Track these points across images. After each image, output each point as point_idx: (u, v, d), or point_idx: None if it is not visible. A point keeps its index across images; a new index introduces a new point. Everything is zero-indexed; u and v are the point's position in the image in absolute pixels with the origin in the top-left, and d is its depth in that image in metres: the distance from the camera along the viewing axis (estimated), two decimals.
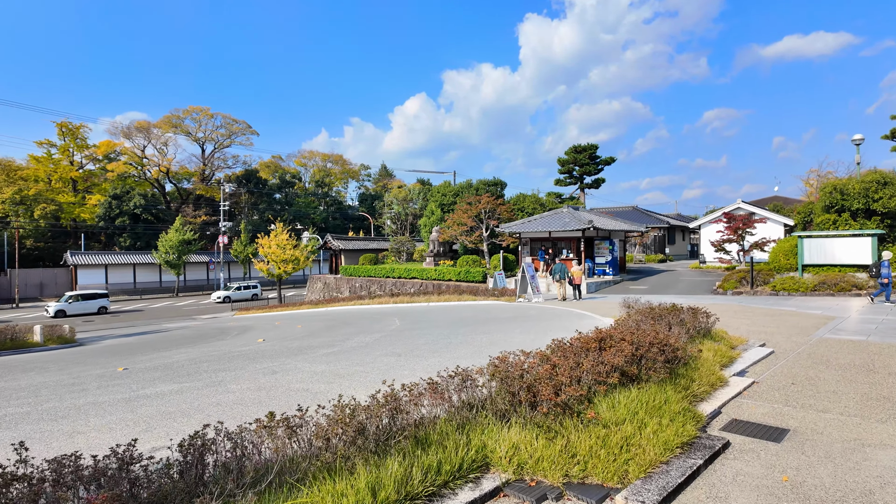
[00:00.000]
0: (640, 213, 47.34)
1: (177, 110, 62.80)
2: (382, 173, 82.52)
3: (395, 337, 12.42)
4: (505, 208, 33.65)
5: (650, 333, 5.98)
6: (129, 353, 13.06)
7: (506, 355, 4.96)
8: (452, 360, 8.81)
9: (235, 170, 69.36)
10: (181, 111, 62.83)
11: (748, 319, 12.94)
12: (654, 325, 7.28)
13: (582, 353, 5.25)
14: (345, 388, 7.18)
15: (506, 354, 5.00)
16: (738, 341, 9.12)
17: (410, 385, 4.44)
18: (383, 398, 3.83)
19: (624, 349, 5.22)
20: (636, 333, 6.06)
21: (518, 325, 13.22)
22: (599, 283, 26.62)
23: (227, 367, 9.33)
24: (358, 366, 8.76)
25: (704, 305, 14.55)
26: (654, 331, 6.32)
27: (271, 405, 6.44)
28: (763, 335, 10.29)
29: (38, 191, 53.90)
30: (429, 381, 4.39)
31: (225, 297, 44.52)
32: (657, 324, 7.47)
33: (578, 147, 64.00)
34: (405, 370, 8.16)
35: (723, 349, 7.60)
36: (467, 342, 10.84)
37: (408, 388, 4.36)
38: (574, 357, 5.05)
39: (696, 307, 9.34)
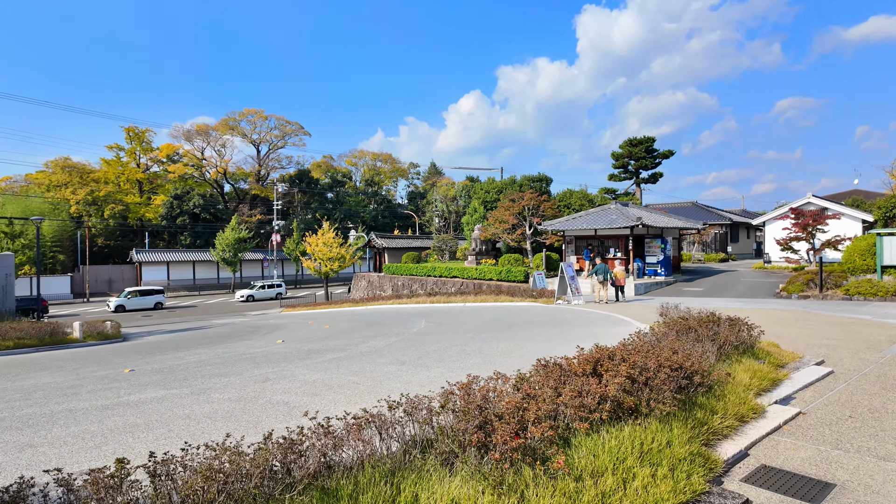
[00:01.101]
0: (700, 209, 44.50)
1: (233, 113, 65.13)
2: (431, 171, 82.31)
3: (410, 342, 11.77)
4: (549, 205, 32.35)
5: (663, 352, 4.97)
6: (151, 352, 13.11)
7: (470, 380, 4.15)
8: (457, 371, 8.05)
9: (289, 170, 71.20)
10: (237, 114, 65.10)
11: (809, 329, 11.37)
12: (677, 340, 6.21)
13: (570, 378, 4.35)
14: (327, 402, 6.60)
15: (471, 379, 4.19)
16: (790, 358, 7.82)
17: (358, 414, 3.73)
18: (280, 442, 3.12)
19: (620, 373, 4.28)
20: (647, 352, 5.07)
21: (545, 331, 12.25)
22: (649, 285, 24.95)
23: (226, 372, 8.98)
24: (354, 375, 8.16)
25: (752, 313, 12.99)
26: (672, 348, 5.30)
27: (240, 421, 5.93)
28: (823, 350, 8.86)
29: (107, 192, 57.30)
30: (363, 412, 3.65)
31: (248, 296, 45.47)
32: (682, 338, 6.39)
33: (634, 140, 61.32)
34: (399, 382, 7.47)
35: (764, 370, 6.41)
36: (482, 350, 10.03)
37: (347, 418, 3.65)
38: (555, 383, 4.17)
39: (738, 317, 8.08)
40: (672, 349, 5.35)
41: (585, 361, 4.59)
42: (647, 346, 5.49)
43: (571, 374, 4.37)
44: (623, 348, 5.42)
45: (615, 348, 5.25)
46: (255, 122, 66.07)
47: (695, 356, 5.31)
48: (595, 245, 28.12)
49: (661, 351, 5.13)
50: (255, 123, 66.15)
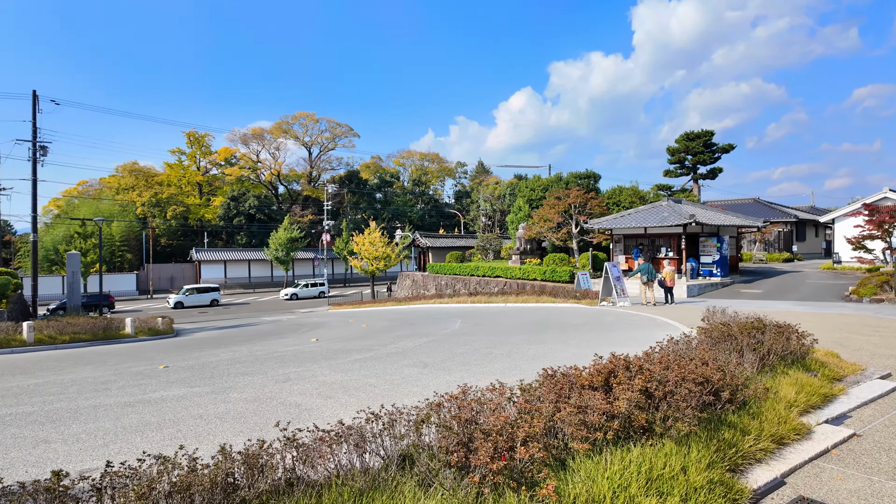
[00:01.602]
0: (762, 206, 41.93)
1: (286, 116, 67.11)
2: (479, 170, 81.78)
3: (440, 343, 11.52)
4: (597, 202, 31.29)
5: (689, 363, 4.46)
6: (192, 348, 13.50)
7: (463, 390, 3.82)
8: (479, 376, 7.74)
9: (339, 171, 72.64)
10: (290, 117, 67.02)
11: (878, 337, 10.27)
12: (712, 348, 5.63)
13: (577, 390, 3.95)
14: (339, 405, 6.45)
15: (463, 389, 3.86)
16: (850, 370, 7.00)
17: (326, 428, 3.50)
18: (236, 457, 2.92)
19: (634, 387, 3.83)
20: (671, 363, 4.57)
21: (581, 335, 11.69)
22: (703, 286, 23.64)
23: (252, 371, 9.03)
24: (374, 378, 7.98)
25: (814, 318, 11.83)
26: (701, 359, 4.76)
27: (249, 422, 5.87)
28: (893, 361, 7.92)
29: (170, 194, 60.38)
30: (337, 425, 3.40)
31: (292, 295, 46.49)
32: (719, 346, 5.79)
33: (690, 134, 58.68)
34: (416, 386, 7.23)
35: (815, 384, 5.72)
36: (511, 354, 9.64)
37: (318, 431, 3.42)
38: (557, 397, 3.77)
39: (787, 323, 7.32)
40: (702, 359, 4.81)
41: (597, 372, 4.17)
42: (675, 355, 4.97)
43: (578, 387, 3.96)
44: (646, 357, 4.94)
45: (635, 358, 4.78)
46: (306, 125, 67.85)
47: (728, 368, 4.76)
48: (645, 244, 26.93)
49: (687, 362, 4.62)
50: (307, 126, 67.92)
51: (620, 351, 6.49)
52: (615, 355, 4.65)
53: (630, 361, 4.52)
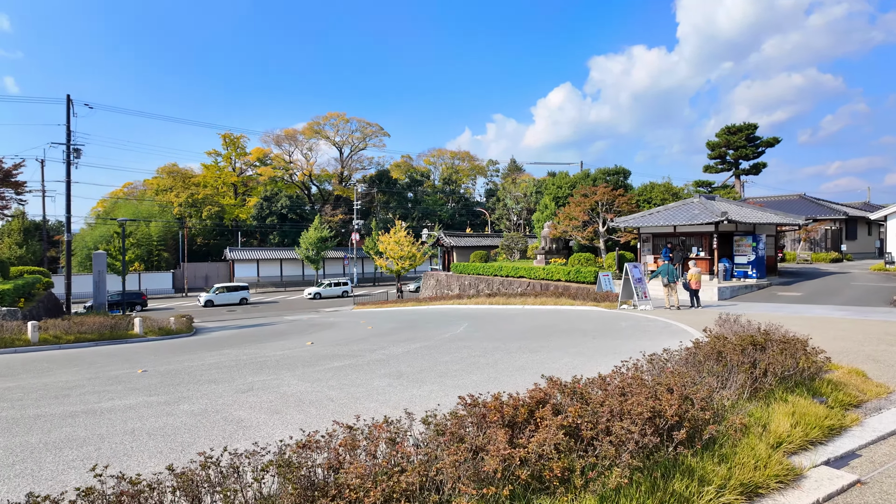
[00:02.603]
0: (809, 203, 39.36)
1: (318, 117, 67.80)
2: (511, 168, 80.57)
3: (431, 349, 10.89)
4: (625, 199, 29.92)
5: (641, 392, 3.67)
6: (187, 350, 13.34)
7: (348, 426, 3.18)
8: (451, 389, 7.10)
9: (370, 171, 72.94)
10: (321, 118, 67.66)
11: None
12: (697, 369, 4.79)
13: (496, 426, 3.24)
14: (284, 422, 5.93)
15: (348, 426, 3.22)
16: (874, 392, 5.97)
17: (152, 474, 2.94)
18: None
19: (553, 425, 3.09)
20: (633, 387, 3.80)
21: (585, 343, 10.83)
22: (736, 289, 22.13)
23: (222, 378, 8.64)
24: (338, 389, 7.43)
25: (852, 325, 10.52)
26: (668, 384, 3.96)
27: (178, 440, 5.41)
28: None
29: (205, 195, 61.90)
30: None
31: (316, 294, 46.55)
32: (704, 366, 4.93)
33: (732, 128, 56.06)
34: (375, 402, 6.64)
35: (820, 412, 4.78)
36: (498, 363, 8.92)
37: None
38: (450, 438, 3.08)
39: (795, 337, 6.30)
40: (667, 385, 4.01)
41: (521, 403, 3.44)
42: (635, 379, 4.18)
43: (489, 422, 3.26)
44: (600, 382, 4.17)
45: (584, 381, 4.01)
46: (337, 126, 68.33)
47: (698, 396, 3.94)
48: (675, 243, 25.49)
49: (642, 389, 3.83)
50: (338, 126, 68.41)
51: (616, 362, 5.72)
52: (552, 379, 3.90)
53: (567, 386, 3.76)
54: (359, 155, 72.44)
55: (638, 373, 4.60)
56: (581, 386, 3.85)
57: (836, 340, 10.05)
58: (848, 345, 9.52)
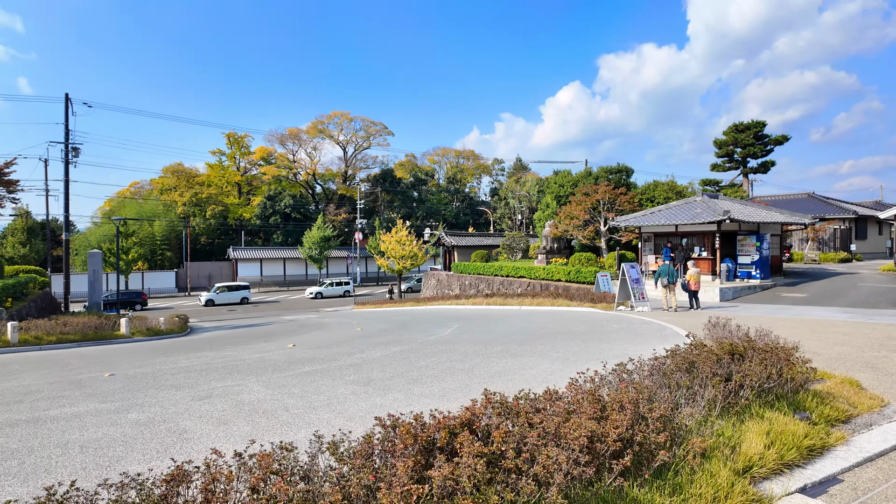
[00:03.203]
0: (817, 202, 38.50)
1: (321, 116, 67.62)
2: (517, 167, 79.99)
3: (410, 353, 10.50)
4: (627, 198, 29.37)
5: (584, 412, 3.25)
6: (165, 352, 13.04)
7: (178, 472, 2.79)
8: (417, 398, 6.73)
9: (374, 170, 72.64)
10: (325, 117, 67.46)
11: None
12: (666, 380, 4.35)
13: (404, 456, 2.84)
14: (227, 434, 5.56)
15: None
16: (866, 405, 5.49)
17: None
18: None
19: (470, 453, 2.67)
20: (581, 405, 3.38)
21: (571, 347, 10.38)
22: (739, 290, 21.55)
23: (184, 384, 8.30)
24: (298, 397, 7.06)
25: (854, 329, 9.93)
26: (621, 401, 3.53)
27: (109, 454, 5.06)
28: None
29: (209, 194, 61.93)
30: None
31: (317, 293, 46.23)
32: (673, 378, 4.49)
33: (739, 125, 55.21)
34: (332, 412, 6.25)
35: (799, 430, 4.32)
36: (474, 369, 8.50)
37: None
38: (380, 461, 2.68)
39: (780, 345, 5.81)
40: (619, 402, 3.58)
41: (442, 426, 3.03)
42: (587, 396, 3.75)
43: (400, 449, 2.85)
44: (547, 397, 3.74)
45: (516, 400, 3.59)
46: (341, 125, 68.12)
47: (653, 415, 3.51)
48: (676, 243, 24.90)
49: (591, 407, 3.40)
50: (342, 126, 68.19)
51: (598, 367, 5.30)
52: (488, 396, 3.48)
53: (509, 406, 3.34)
54: (363, 154, 72.26)
55: (595, 386, 4.16)
56: (520, 403, 3.43)
57: (836, 346, 9.53)
58: (847, 350, 9.00)
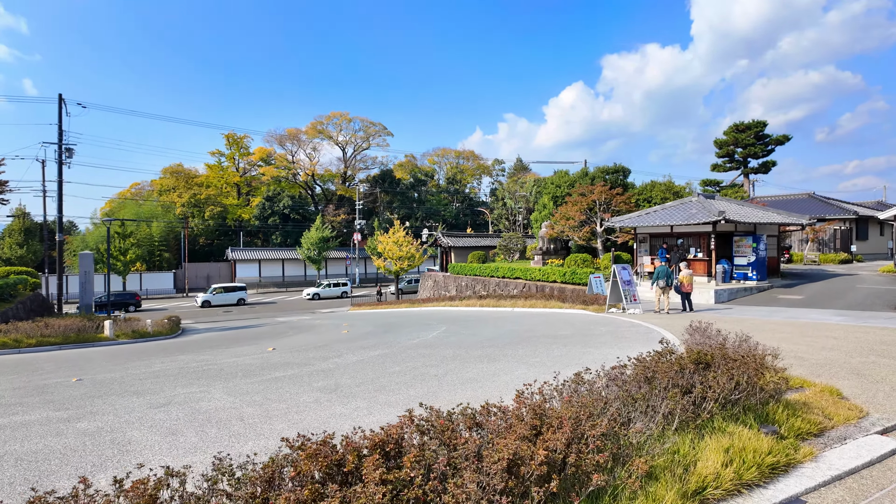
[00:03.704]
0: (817, 202, 38.10)
1: (320, 117, 67.44)
2: (518, 167, 79.63)
3: (387, 358, 10.25)
4: (623, 199, 29.05)
5: (517, 429, 2.99)
6: (143, 356, 12.83)
7: None
8: (380, 406, 6.50)
9: (374, 171, 72.43)
10: (324, 117, 67.27)
11: None
12: (589, 402, 4.08)
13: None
14: (174, 445, 5.34)
15: None
16: (842, 417, 5.19)
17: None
18: None
19: (374, 479, 2.42)
20: (517, 421, 3.12)
21: (552, 351, 10.10)
22: (735, 291, 21.22)
23: (148, 390, 8.08)
24: (257, 405, 6.82)
25: (846, 333, 9.56)
26: (560, 416, 3.27)
27: (42, 468, 4.84)
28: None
29: (207, 195, 61.83)
30: None
31: (314, 294, 45.97)
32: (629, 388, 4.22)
33: (740, 125, 54.81)
34: (286, 422, 6.00)
35: (763, 446, 4.04)
36: (447, 375, 8.25)
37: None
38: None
39: (757, 353, 5.51)
40: (558, 417, 3.31)
41: (352, 449, 2.77)
42: (531, 410, 3.49)
43: (300, 476, 2.59)
44: (484, 412, 3.48)
45: (439, 418, 3.32)
46: (340, 125, 67.94)
47: (595, 433, 3.24)
48: (673, 244, 24.58)
49: (524, 424, 3.14)
50: (341, 126, 68.01)
51: (572, 373, 5.03)
52: (410, 415, 3.22)
53: (429, 420, 3.08)
54: (362, 155, 72.08)
55: (542, 399, 3.90)
56: (445, 421, 3.16)
57: (824, 351, 9.24)
58: (834, 356, 8.71)
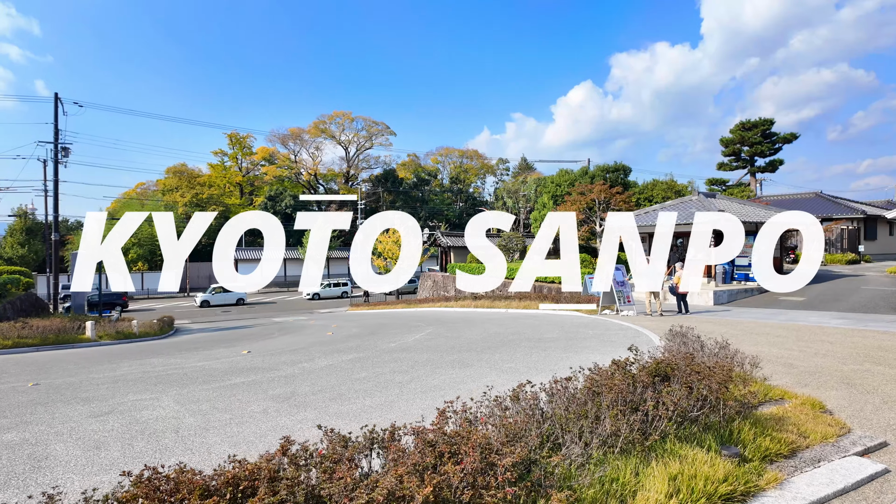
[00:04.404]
0: (825, 201, 37.25)
1: (323, 116, 67.22)
2: (522, 166, 79.03)
3: (358, 363, 9.84)
4: (623, 198, 28.49)
5: (411, 458, 2.57)
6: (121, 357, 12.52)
7: None
8: (331, 417, 6.12)
9: (377, 170, 72.10)
10: (327, 117, 67.05)
11: None
12: (512, 424, 3.63)
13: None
14: (93, 461, 4.95)
15: None
16: (820, 434, 4.70)
17: None
18: None
19: None
20: (393, 455, 2.69)
21: (530, 357, 9.65)
22: (735, 292, 20.69)
23: (100, 396, 7.72)
24: (199, 416, 6.43)
25: (844, 337, 8.90)
26: (474, 442, 2.83)
27: None
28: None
29: (209, 194, 61.79)
30: None
31: (314, 294, 45.60)
32: (570, 409, 3.77)
33: (746, 123, 53.96)
34: (218, 436, 5.60)
35: (721, 472, 3.56)
36: (415, 381, 7.83)
37: None
38: None
39: (727, 364, 5.02)
40: (474, 443, 2.88)
41: (195, 488, 2.36)
42: (456, 433, 3.06)
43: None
44: (390, 436, 3.05)
45: (309, 452, 2.89)
46: (342, 125, 67.67)
47: (507, 461, 2.80)
48: (672, 244, 23.97)
49: (430, 451, 2.71)
50: (343, 125, 67.74)
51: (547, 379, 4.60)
52: (283, 445, 2.79)
53: (310, 454, 2.66)
54: (365, 154, 71.78)
55: (469, 416, 3.46)
56: (321, 451, 2.73)
57: (816, 357, 8.71)
58: (826, 363, 8.18)
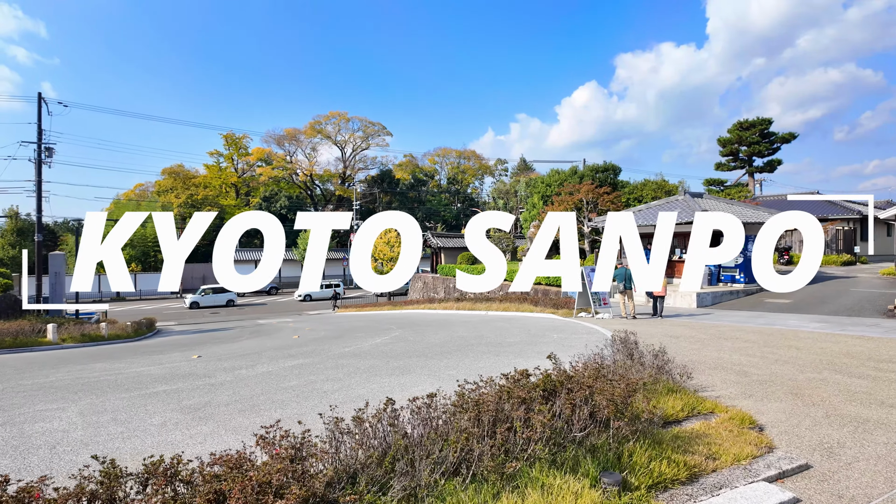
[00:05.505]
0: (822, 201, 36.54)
1: (319, 116, 66.96)
2: (521, 167, 78.56)
3: (301, 369, 9.47)
4: (611, 198, 27.99)
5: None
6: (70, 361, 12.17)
7: None
8: (228, 432, 5.67)
9: (373, 171, 71.80)
10: (322, 117, 66.78)
11: (869, 381, 7.09)
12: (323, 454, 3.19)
13: None
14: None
15: None
16: (729, 456, 4.22)
17: None
18: None
19: None
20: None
21: (480, 362, 9.26)
22: (719, 294, 20.14)
23: (13, 406, 7.37)
24: (92, 429, 6.05)
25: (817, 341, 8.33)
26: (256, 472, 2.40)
27: None
28: (847, 431, 4.97)
29: (206, 195, 61.67)
30: None
31: (306, 296, 45.15)
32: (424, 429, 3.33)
33: (744, 123, 53.25)
34: (88, 455, 5.20)
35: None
36: (343, 390, 7.45)
37: None
38: None
39: (622, 377, 4.54)
40: (265, 480, 2.44)
41: None
42: (237, 467, 2.63)
43: None
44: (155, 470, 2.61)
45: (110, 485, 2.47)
46: (338, 125, 67.40)
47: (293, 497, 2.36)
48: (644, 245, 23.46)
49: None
50: (339, 126, 67.47)
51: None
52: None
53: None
54: (362, 155, 71.47)
55: (290, 447, 3.02)
56: (38, 494, 2.30)
57: (776, 364, 8.24)
58: (783, 370, 7.70)
